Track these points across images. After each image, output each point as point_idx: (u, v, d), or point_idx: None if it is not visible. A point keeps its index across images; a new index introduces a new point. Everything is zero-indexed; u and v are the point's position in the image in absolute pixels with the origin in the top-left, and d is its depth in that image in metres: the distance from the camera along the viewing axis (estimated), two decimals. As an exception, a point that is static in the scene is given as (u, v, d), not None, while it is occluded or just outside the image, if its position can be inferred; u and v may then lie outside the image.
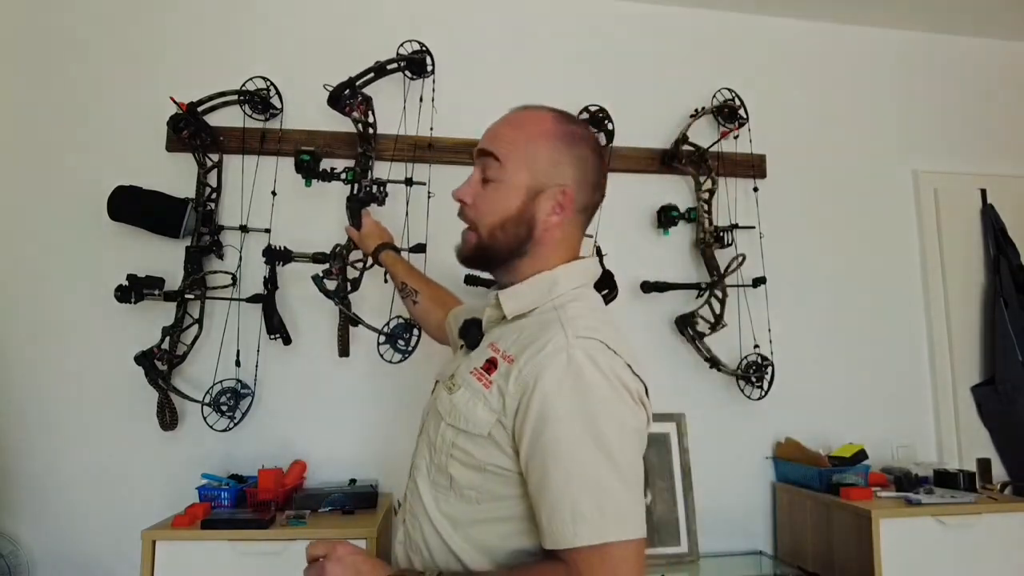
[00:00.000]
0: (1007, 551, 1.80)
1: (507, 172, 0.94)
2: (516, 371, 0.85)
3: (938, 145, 2.45)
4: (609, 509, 0.79)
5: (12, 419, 1.87)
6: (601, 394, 0.82)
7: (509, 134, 0.96)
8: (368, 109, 1.93)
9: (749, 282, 2.15)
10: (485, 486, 0.88)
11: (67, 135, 1.98)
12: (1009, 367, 2.27)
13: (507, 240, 0.95)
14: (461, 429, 0.89)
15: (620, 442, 0.82)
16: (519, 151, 0.95)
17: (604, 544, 0.78)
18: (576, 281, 0.96)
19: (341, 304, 1.83)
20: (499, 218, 0.95)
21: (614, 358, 0.85)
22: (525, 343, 0.87)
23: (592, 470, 0.80)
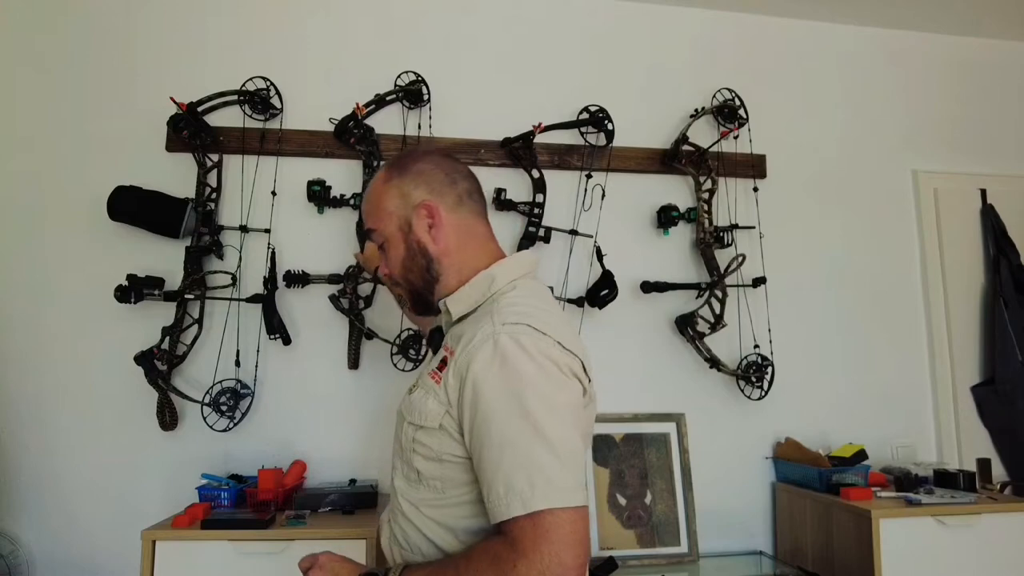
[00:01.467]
0: (1007, 551, 1.79)
1: (382, 232, 1.07)
2: (453, 363, 0.93)
3: (938, 145, 2.45)
4: (539, 480, 0.83)
5: (12, 419, 1.87)
6: (526, 373, 0.87)
7: (367, 208, 1.09)
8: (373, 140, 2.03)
9: (749, 282, 2.16)
10: (447, 475, 0.95)
11: (67, 135, 1.98)
12: (1009, 367, 2.27)
13: (419, 275, 1.06)
14: (418, 425, 0.96)
15: (548, 416, 0.86)
16: (377, 211, 1.07)
17: (535, 513, 0.82)
18: (512, 275, 1.03)
19: (355, 320, 1.91)
20: (401, 265, 1.06)
21: (541, 338, 0.90)
22: (464, 337, 0.94)
23: (521, 445, 0.85)
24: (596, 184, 2.14)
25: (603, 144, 2.13)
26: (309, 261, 1.97)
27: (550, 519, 0.82)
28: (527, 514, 0.82)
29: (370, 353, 1.98)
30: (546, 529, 0.81)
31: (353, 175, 2.03)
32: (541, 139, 2.05)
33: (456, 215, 1.05)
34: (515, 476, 0.84)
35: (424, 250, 1.04)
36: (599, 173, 2.14)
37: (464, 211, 1.06)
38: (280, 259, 1.96)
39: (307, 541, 1.53)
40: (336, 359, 1.97)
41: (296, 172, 2.01)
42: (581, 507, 0.84)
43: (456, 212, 1.05)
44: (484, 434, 0.87)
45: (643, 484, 2.00)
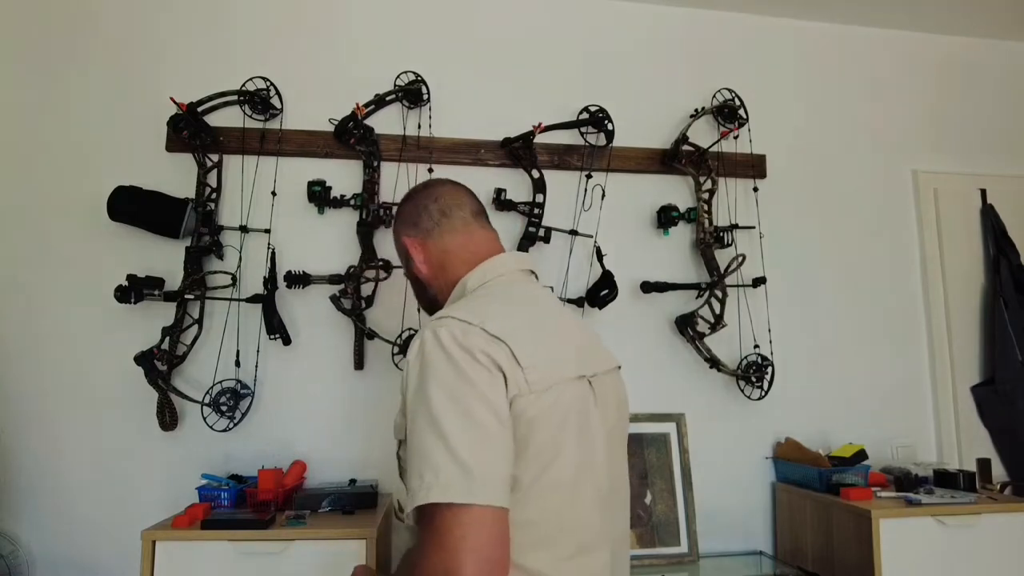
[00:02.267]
0: (1007, 551, 1.79)
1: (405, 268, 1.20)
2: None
3: (938, 145, 2.45)
4: (427, 474, 0.78)
5: (12, 419, 1.87)
6: (432, 363, 0.85)
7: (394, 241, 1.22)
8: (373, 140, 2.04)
9: (749, 282, 2.16)
10: None
11: (67, 135, 1.98)
12: (1009, 367, 2.27)
13: (425, 300, 1.18)
14: (398, 439, 0.95)
15: (446, 408, 0.80)
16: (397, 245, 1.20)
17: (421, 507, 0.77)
18: (481, 278, 1.05)
19: (357, 320, 1.90)
20: (417, 297, 1.21)
21: (463, 327, 0.86)
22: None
23: (420, 440, 0.81)
24: (596, 184, 2.14)
25: (603, 144, 2.13)
26: (310, 261, 1.97)
27: (438, 517, 0.76)
28: (415, 508, 0.78)
29: (371, 353, 1.98)
30: (434, 528, 0.76)
31: (353, 175, 2.03)
32: (541, 139, 2.05)
33: (433, 239, 1.12)
34: (412, 473, 0.80)
35: (419, 279, 1.15)
36: (599, 173, 2.14)
37: (440, 231, 1.12)
38: (280, 259, 1.96)
39: (307, 541, 1.53)
40: (336, 359, 1.98)
41: (296, 172, 2.01)
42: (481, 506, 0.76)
43: (432, 236, 1.12)
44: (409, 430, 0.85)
45: (643, 484, 2.00)
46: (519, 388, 0.85)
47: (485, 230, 1.14)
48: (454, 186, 1.18)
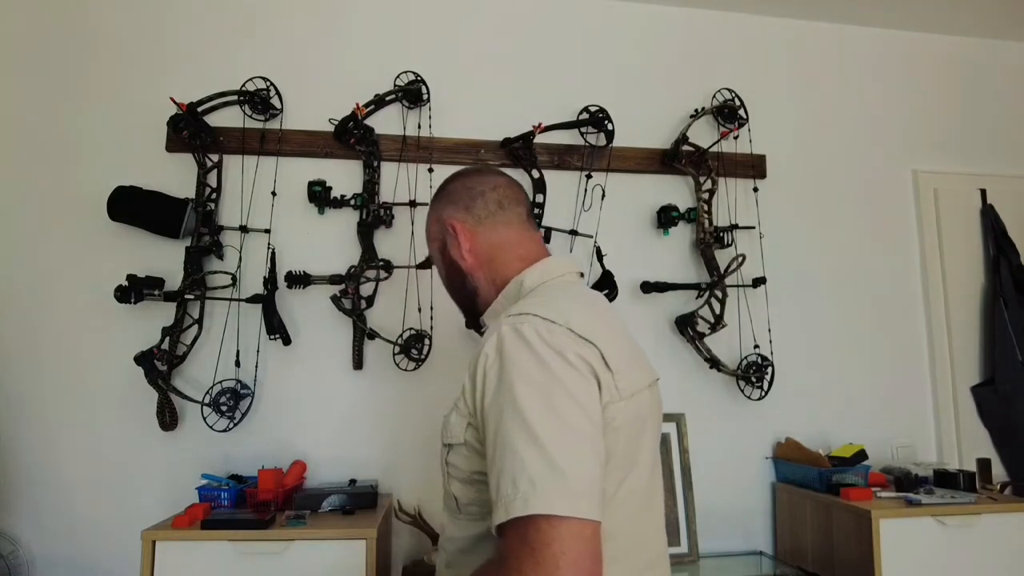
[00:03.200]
0: (1007, 551, 1.79)
1: (432, 255, 1.13)
2: (468, 369, 0.87)
3: (938, 145, 2.45)
4: (522, 483, 0.71)
5: (12, 419, 1.87)
6: (519, 362, 0.78)
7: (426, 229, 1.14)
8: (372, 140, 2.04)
9: (749, 282, 2.16)
10: (482, 498, 0.84)
11: (67, 135, 1.98)
12: (1009, 367, 2.27)
13: (459, 291, 1.09)
14: (447, 443, 0.89)
15: (540, 411, 0.75)
16: (427, 237, 1.14)
17: (515, 520, 0.71)
18: (541, 277, 1.00)
19: (358, 320, 1.90)
20: (446, 285, 1.12)
21: (547, 325, 0.81)
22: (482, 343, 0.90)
23: (510, 444, 0.74)
24: (596, 184, 2.14)
25: (603, 144, 2.13)
26: (310, 262, 1.97)
27: (533, 529, 0.69)
28: (508, 520, 0.71)
29: (372, 353, 1.98)
30: (529, 541, 0.69)
31: (353, 175, 2.03)
32: (541, 139, 2.05)
33: (484, 228, 1.04)
34: (503, 479, 0.73)
35: (458, 267, 1.06)
36: (599, 173, 2.14)
37: (493, 222, 1.04)
38: (280, 259, 1.96)
39: (307, 541, 1.53)
40: (336, 359, 1.97)
41: (296, 172, 2.01)
42: (579, 519, 0.70)
43: (483, 225, 1.04)
44: (485, 436, 0.80)
45: (643, 484, 2.00)
46: (611, 394, 0.81)
47: (537, 233, 1.09)
48: (511, 180, 1.10)
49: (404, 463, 1.96)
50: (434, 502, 1.92)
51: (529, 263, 1.02)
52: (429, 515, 1.85)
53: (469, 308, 1.09)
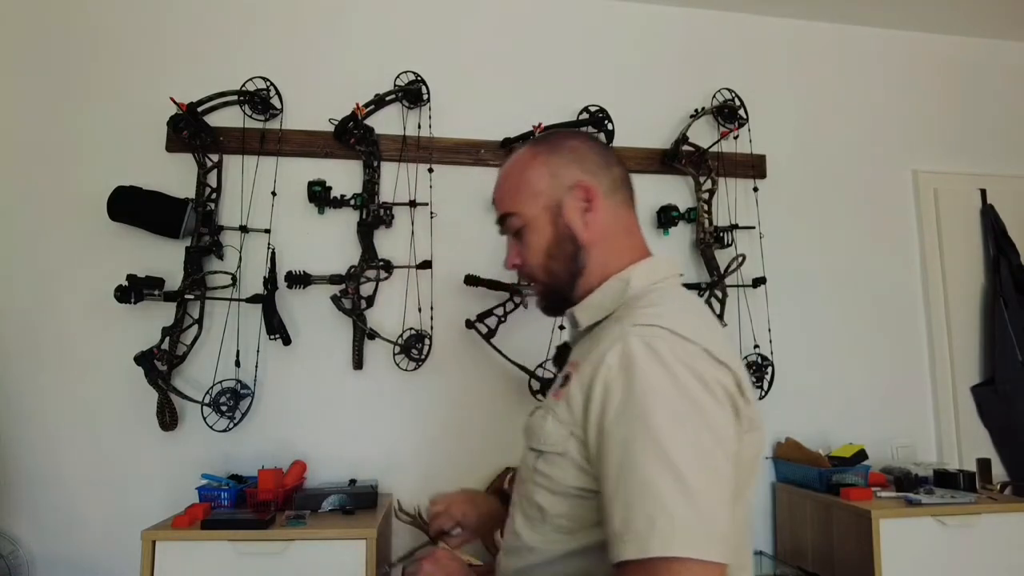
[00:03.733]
0: (1007, 551, 1.79)
1: (524, 215, 0.92)
2: (578, 377, 0.79)
3: (938, 145, 2.45)
4: (660, 520, 0.66)
5: (12, 419, 1.87)
6: (656, 385, 0.71)
7: (504, 189, 0.96)
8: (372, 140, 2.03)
9: (749, 282, 2.16)
10: (576, 513, 0.79)
11: (67, 135, 1.98)
12: (1009, 367, 2.27)
13: (564, 264, 0.91)
14: (538, 450, 0.82)
15: (680, 442, 0.69)
16: (519, 192, 0.93)
17: (650, 560, 0.65)
18: (648, 278, 0.89)
19: (358, 320, 1.90)
20: (543, 253, 0.92)
21: (683, 344, 0.74)
22: (589, 349, 0.83)
23: (643, 474, 0.68)
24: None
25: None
26: (310, 262, 1.97)
27: (665, 570, 0.65)
28: (640, 560, 0.66)
29: (372, 353, 1.97)
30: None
31: (353, 175, 2.03)
32: (541, 139, 2.05)
33: (611, 201, 0.92)
34: (634, 511, 0.68)
35: (573, 236, 0.90)
36: (599, 173, 2.14)
37: (618, 198, 0.94)
38: (280, 259, 1.96)
39: (307, 541, 1.53)
40: (336, 359, 1.97)
41: (296, 172, 2.01)
42: (715, 564, 0.65)
43: (611, 198, 0.92)
44: (604, 457, 0.72)
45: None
46: (746, 424, 0.76)
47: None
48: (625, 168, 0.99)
49: (404, 463, 1.96)
50: (434, 502, 1.93)
51: (636, 259, 0.92)
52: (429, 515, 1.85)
53: (560, 289, 0.93)
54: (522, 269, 0.95)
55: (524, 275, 0.96)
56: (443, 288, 2.01)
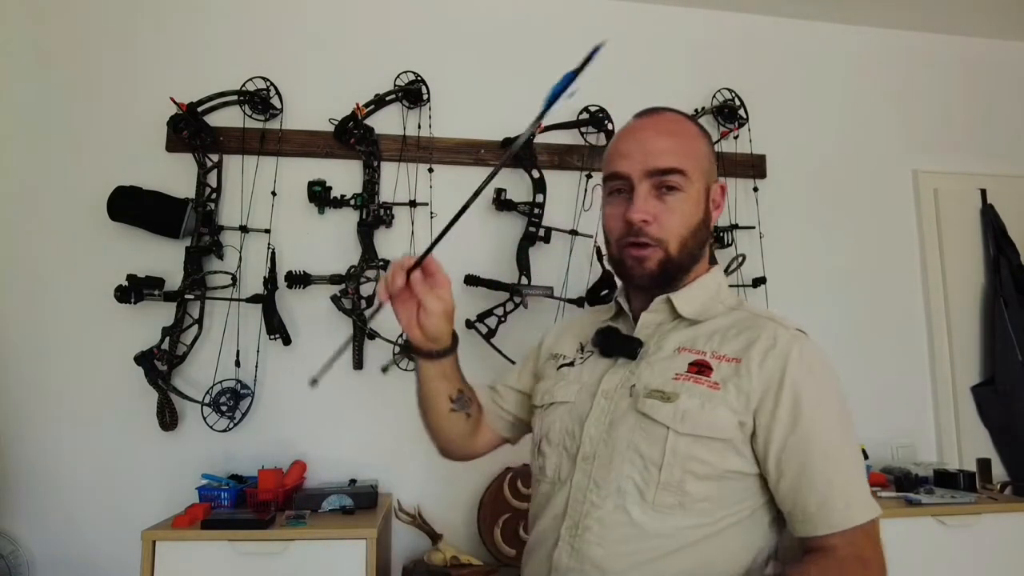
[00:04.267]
0: (1007, 551, 1.79)
1: (691, 181, 0.94)
2: (753, 368, 0.87)
3: (938, 145, 2.45)
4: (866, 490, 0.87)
5: (12, 419, 1.87)
6: (836, 383, 0.90)
7: (678, 143, 0.96)
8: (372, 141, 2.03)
9: (749, 282, 2.15)
10: (720, 495, 0.87)
11: (67, 135, 1.98)
12: (1009, 367, 2.27)
13: (695, 244, 0.96)
14: (702, 436, 0.86)
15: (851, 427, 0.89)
16: (691, 156, 0.95)
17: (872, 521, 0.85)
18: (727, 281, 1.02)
19: (358, 320, 1.90)
20: (690, 228, 0.95)
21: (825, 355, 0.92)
22: (745, 343, 0.90)
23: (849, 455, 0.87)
24: (596, 184, 2.14)
25: (603, 144, 2.13)
26: (310, 262, 1.97)
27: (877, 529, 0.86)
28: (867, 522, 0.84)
29: (372, 353, 1.97)
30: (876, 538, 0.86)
31: (353, 175, 2.03)
32: (541, 139, 2.05)
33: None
34: (852, 486, 0.85)
35: (709, 225, 0.98)
36: (599, 173, 2.14)
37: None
38: (280, 259, 1.96)
39: (307, 541, 1.53)
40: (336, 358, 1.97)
41: (296, 172, 2.01)
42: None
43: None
44: (807, 443, 0.85)
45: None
46: None
47: None
48: None
49: (404, 463, 1.96)
50: (434, 502, 1.93)
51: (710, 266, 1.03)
52: (429, 515, 1.85)
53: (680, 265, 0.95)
54: (648, 227, 0.93)
55: (648, 234, 0.93)
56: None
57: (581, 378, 1.01)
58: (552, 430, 1.00)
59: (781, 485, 0.87)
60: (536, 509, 1.00)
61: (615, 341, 0.99)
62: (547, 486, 0.98)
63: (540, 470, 1.01)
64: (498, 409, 1.18)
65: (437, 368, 1.08)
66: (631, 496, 0.87)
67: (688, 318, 0.96)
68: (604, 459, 0.91)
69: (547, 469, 0.99)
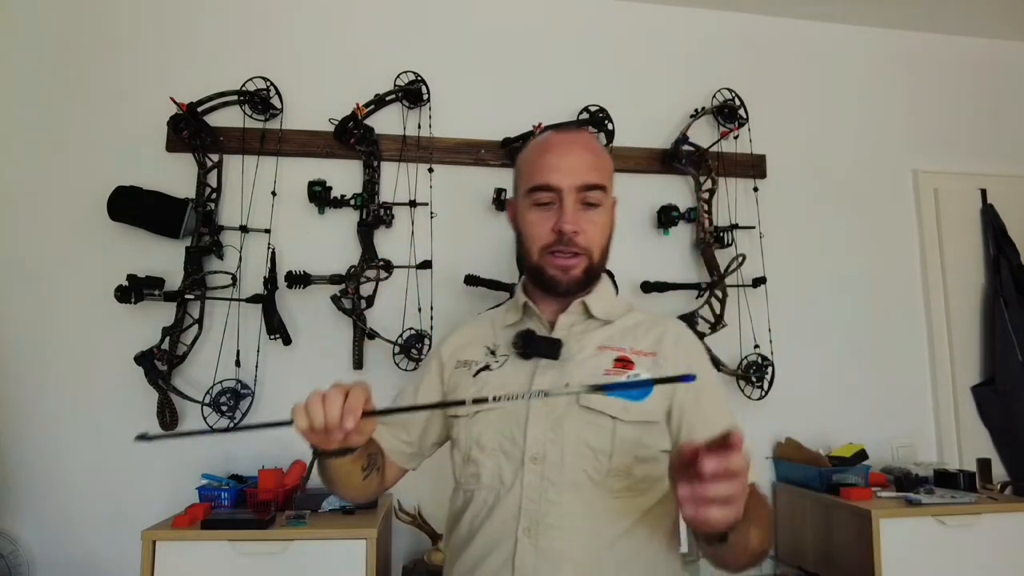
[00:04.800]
0: (1007, 551, 1.79)
1: (607, 196, 1.04)
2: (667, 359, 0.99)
3: (938, 145, 2.45)
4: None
5: (12, 419, 1.87)
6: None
7: (599, 161, 1.04)
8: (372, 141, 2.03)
9: (749, 282, 2.15)
10: (655, 473, 0.95)
11: (67, 135, 1.98)
12: (1009, 367, 2.27)
13: (607, 256, 1.06)
14: (642, 422, 0.95)
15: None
16: (608, 174, 1.04)
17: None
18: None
19: (358, 320, 1.90)
20: (607, 239, 1.05)
21: None
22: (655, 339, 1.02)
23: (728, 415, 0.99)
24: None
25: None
26: (310, 261, 1.97)
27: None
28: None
29: (371, 353, 1.97)
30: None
31: (353, 175, 2.03)
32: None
33: None
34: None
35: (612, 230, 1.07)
36: (599, 173, 2.14)
37: None
38: (280, 259, 1.96)
39: (307, 541, 1.53)
40: (337, 359, 1.97)
41: (296, 172, 2.01)
42: None
43: None
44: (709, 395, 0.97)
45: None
46: None
47: None
48: None
49: (404, 463, 1.96)
50: (434, 502, 1.92)
51: None
52: (429, 515, 1.85)
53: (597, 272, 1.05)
54: (577, 238, 1.01)
55: (577, 244, 1.01)
56: (443, 288, 2.01)
57: (506, 382, 1.01)
58: (484, 436, 0.98)
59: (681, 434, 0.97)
60: (472, 518, 0.97)
61: (537, 343, 1.01)
62: (486, 493, 0.97)
63: (473, 478, 0.99)
64: (398, 443, 1.10)
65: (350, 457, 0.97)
66: (586, 487, 0.93)
67: (600, 318, 1.04)
68: (555, 457, 0.94)
69: (483, 476, 0.97)
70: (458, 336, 1.16)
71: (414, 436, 1.11)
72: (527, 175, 1.04)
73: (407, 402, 1.13)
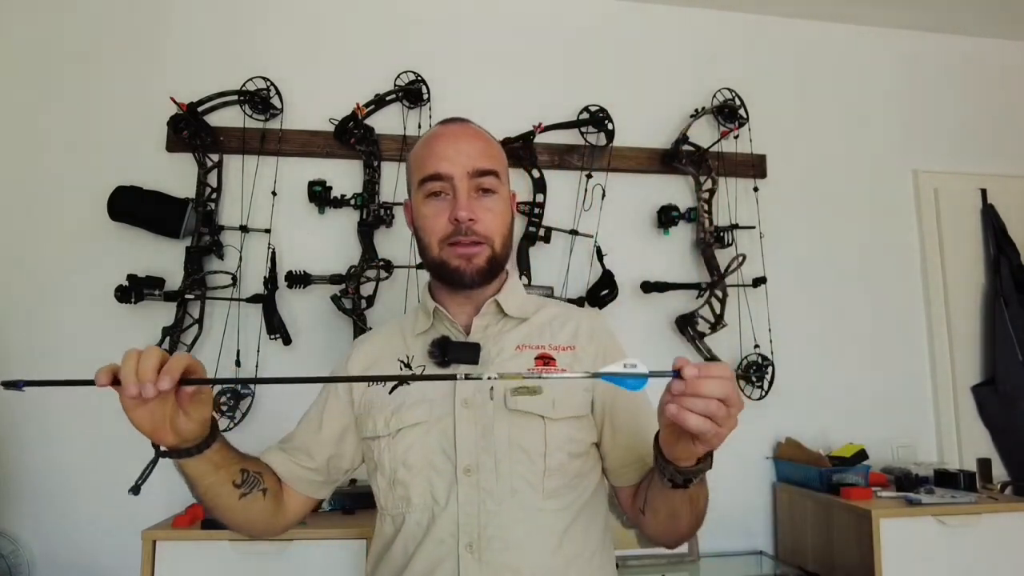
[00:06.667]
0: (1007, 551, 1.79)
1: (502, 184, 1.00)
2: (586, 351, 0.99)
3: (938, 145, 2.45)
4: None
5: (12, 419, 1.87)
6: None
7: (490, 149, 1.00)
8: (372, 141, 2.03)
9: (749, 282, 2.15)
10: (588, 467, 0.96)
11: (67, 135, 1.98)
12: (1009, 367, 2.27)
13: (510, 246, 1.03)
14: (571, 417, 0.94)
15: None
16: (500, 162, 1.01)
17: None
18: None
19: (358, 320, 1.90)
20: (508, 227, 1.01)
21: None
22: (571, 332, 1.01)
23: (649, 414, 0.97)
24: (596, 184, 2.14)
25: (603, 144, 2.13)
26: (310, 261, 1.97)
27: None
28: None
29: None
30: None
31: (353, 175, 2.03)
32: (541, 139, 2.05)
33: None
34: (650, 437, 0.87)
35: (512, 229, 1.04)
36: (599, 173, 2.14)
37: None
38: (281, 259, 1.96)
39: (307, 541, 1.53)
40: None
41: (296, 172, 2.01)
42: None
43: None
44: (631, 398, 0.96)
45: (643, 484, 2.00)
46: None
47: None
48: None
49: (404, 463, 1.96)
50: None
51: None
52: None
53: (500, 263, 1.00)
54: (475, 226, 0.95)
55: (476, 232, 0.95)
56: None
57: (426, 395, 0.96)
58: (411, 454, 0.93)
59: (617, 440, 0.97)
60: (405, 544, 0.92)
61: (455, 349, 0.95)
62: (419, 514, 0.92)
63: (403, 501, 0.93)
64: (298, 469, 1.02)
65: (205, 463, 0.92)
66: (524, 492, 0.91)
67: (515, 316, 1.01)
68: (488, 466, 0.91)
69: (413, 498, 0.92)
70: (363, 353, 1.08)
71: (319, 461, 1.02)
72: (417, 168, 0.99)
73: (311, 432, 1.03)
